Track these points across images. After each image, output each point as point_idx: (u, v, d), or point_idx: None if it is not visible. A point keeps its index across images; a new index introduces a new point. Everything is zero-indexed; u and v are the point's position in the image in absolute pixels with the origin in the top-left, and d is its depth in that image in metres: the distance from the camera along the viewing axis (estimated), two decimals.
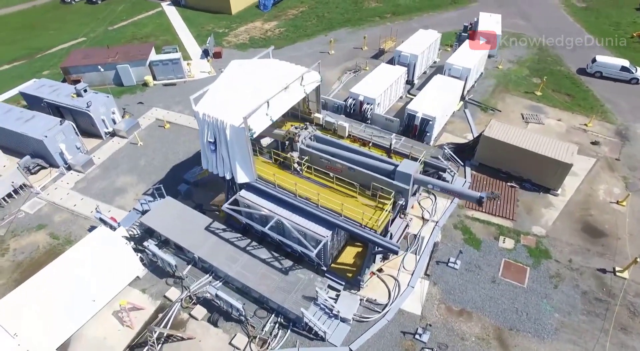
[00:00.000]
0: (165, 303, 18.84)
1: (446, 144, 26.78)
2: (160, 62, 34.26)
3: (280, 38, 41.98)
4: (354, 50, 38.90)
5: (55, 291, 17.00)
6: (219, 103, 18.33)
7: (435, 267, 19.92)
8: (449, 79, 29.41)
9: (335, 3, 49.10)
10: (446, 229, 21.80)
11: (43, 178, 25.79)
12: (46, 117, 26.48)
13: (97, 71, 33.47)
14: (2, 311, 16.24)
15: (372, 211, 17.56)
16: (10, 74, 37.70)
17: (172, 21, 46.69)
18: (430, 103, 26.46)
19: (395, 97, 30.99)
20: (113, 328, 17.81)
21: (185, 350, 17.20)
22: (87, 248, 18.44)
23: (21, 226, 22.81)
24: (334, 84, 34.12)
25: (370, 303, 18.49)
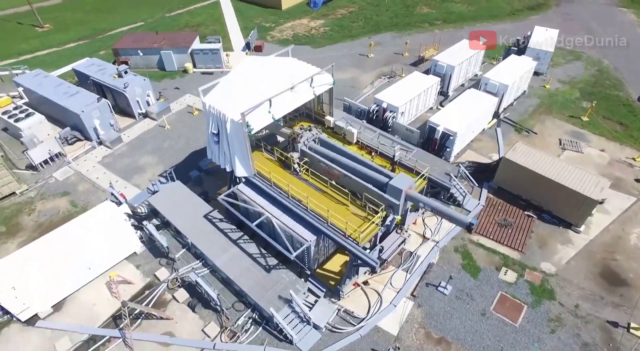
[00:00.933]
0: (153, 282, 19.73)
1: (465, 162, 25.43)
2: (201, 51, 35.69)
3: (324, 37, 42.01)
4: (394, 55, 37.98)
5: (56, 255, 18.45)
6: (225, 97, 18.77)
7: (423, 289, 19.03)
8: (482, 94, 27.81)
9: (387, 6, 48.17)
10: (445, 251, 20.74)
11: (77, 149, 27.97)
12: (87, 94, 28.63)
13: (143, 54, 35.57)
14: (8, 265, 17.94)
15: (360, 222, 17.10)
16: (74, 51, 41.16)
17: (224, 12, 48.39)
18: (455, 117, 25.22)
19: (424, 108, 29.87)
20: (103, 297, 18.97)
21: (162, 328, 17.91)
22: (91, 219, 19.79)
23: (49, 191, 24.92)
24: (366, 88, 33.59)
25: (348, 314, 18.11)
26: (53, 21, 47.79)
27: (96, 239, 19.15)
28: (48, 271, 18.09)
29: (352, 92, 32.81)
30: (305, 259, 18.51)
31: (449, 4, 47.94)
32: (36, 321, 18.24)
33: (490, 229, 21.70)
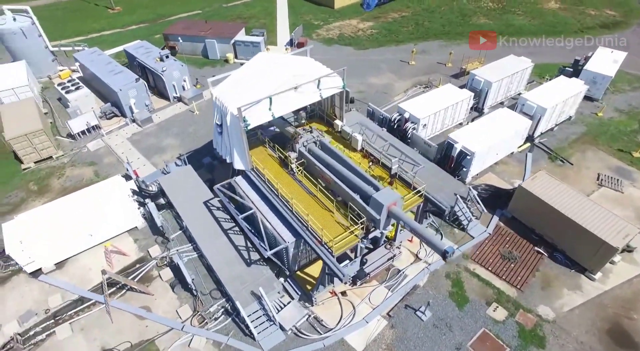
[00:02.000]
0: (146, 257, 20.81)
1: (482, 185, 23.87)
2: (242, 42, 36.75)
3: (369, 39, 41.37)
4: (436, 65, 36.48)
5: (64, 218, 20.02)
6: (231, 90, 19.21)
7: (401, 310, 18.22)
8: (514, 115, 25.85)
9: (442, 13, 46.30)
10: (436, 274, 19.66)
11: (113, 124, 30.12)
12: (128, 74, 30.68)
13: (189, 41, 37.40)
14: (22, 221, 19.84)
15: (340, 231, 16.73)
16: (134, 33, 44.26)
17: (278, 6, 49.33)
18: (478, 136, 23.74)
19: (451, 123, 28.39)
20: (98, 264, 20.33)
21: (142, 302, 18.87)
22: (100, 190, 21.25)
23: (80, 159, 27.14)
24: (398, 95, 32.63)
25: (317, 321, 17.86)
26: (124, 4, 51.66)
27: (101, 210, 20.51)
28: (55, 232, 19.69)
29: (382, 98, 32.08)
30: (285, 259, 18.50)
31: (510, 16, 45.02)
32: (39, 275, 20.07)
33: (491, 259, 20.22)
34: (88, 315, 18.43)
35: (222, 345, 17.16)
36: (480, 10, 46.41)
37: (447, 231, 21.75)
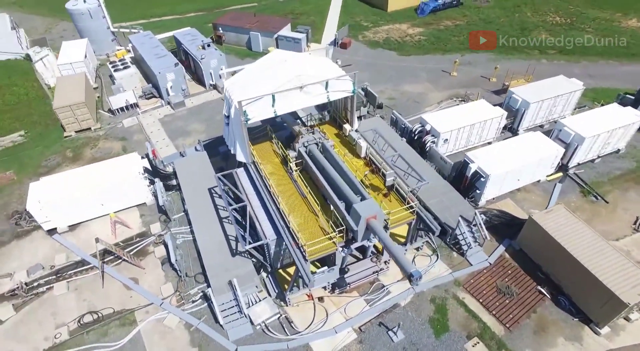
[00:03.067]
0: (146, 232, 22.00)
1: (494, 211, 22.33)
2: (285, 37, 37.30)
3: (415, 46, 40.11)
4: (480, 78, 34.52)
5: (81, 186, 21.69)
6: (241, 83, 19.64)
7: (374, 326, 17.63)
8: (547, 141, 23.77)
9: (500, 24, 43.60)
10: (421, 297, 18.74)
11: (150, 104, 32.06)
12: (170, 58, 32.43)
13: (235, 32, 38.68)
14: (45, 183, 21.83)
15: (318, 236, 16.53)
16: (189, 20, 46.65)
17: (331, 5, 49.36)
18: (498, 158, 22.21)
19: (478, 141, 26.73)
20: (104, 232, 21.82)
21: (132, 273, 20.02)
22: (117, 164, 22.77)
23: (113, 134, 29.25)
24: (430, 106, 31.37)
25: (288, 322, 17.83)
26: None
27: (114, 182, 21.94)
28: (71, 197, 21.43)
29: (413, 108, 31.03)
30: (267, 255, 18.62)
31: (576, 33, 41.31)
32: (54, 233, 22.00)
33: (485, 291, 18.88)
34: (84, 277, 19.91)
35: (193, 327, 17.74)
36: (544, 25, 43.09)
37: (445, 253, 20.65)
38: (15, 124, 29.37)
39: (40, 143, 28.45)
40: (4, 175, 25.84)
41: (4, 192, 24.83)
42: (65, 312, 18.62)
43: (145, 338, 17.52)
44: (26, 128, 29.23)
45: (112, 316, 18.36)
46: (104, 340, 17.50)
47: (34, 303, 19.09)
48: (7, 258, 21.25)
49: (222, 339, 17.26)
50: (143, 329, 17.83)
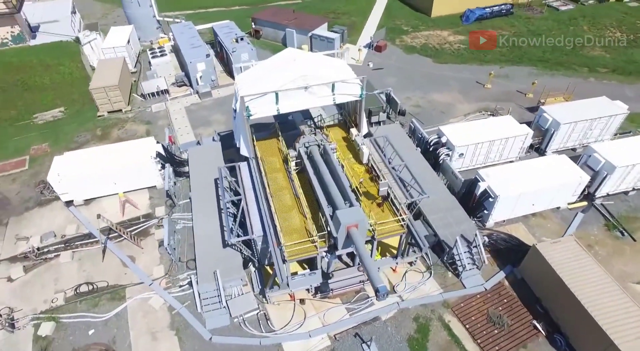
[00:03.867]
0: (151, 215, 22.95)
1: (502, 235, 21.09)
2: (318, 36, 37.29)
3: (452, 54, 38.62)
4: (515, 93, 32.64)
5: (98, 164, 22.99)
6: (250, 78, 19.91)
7: (349, 337, 17.28)
8: (571, 166, 22.04)
9: (550, 37, 40.90)
10: (405, 314, 18.11)
11: (180, 92, 33.33)
12: (203, 49, 33.49)
13: (273, 28, 39.23)
14: (67, 157, 23.39)
15: (301, 238, 16.46)
16: (233, 13, 47.87)
17: (375, 6, 48.68)
18: (512, 179, 20.93)
19: (498, 158, 25.26)
20: (114, 209, 23.05)
21: (131, 251, 20.98)
22: (133, 146, 23.92)
23: (141, 117, 30.73)
24: (456, 118, 30.10)
25: (265, 319, 17.92)
26: None
27: (128, 163, 23.05)
28: (88, 173, 22.79)
29: (437, 118, 29.96)
30: (255, 251, 18.79)
31: (636, 51, 37.89)
32: (71, 205, 23.54)
33: (473, 317, 17.91)
34: (88, 250, 21.14)
35: (175, 311, 18.31)
36: (600, 40, 39.87)
37: (440, 272, 19.81)
38: (57, 101, 31.71)
39: (75, 120, 30.51)
40: (40, 147, 27.99)
41: (37, 162, 26.88)
42: (66, 279, 19.90)
43: (130, 314, 18.34)
44: (66, 105, 31.47)
45: (105, 289, 19.36)
46: (94, 310, 18.52)
47: (41, 267, 20.56)
48: (28, 222, 23.03)
49: (199, 326, 17.69)
50: (130, 306, 18.67)
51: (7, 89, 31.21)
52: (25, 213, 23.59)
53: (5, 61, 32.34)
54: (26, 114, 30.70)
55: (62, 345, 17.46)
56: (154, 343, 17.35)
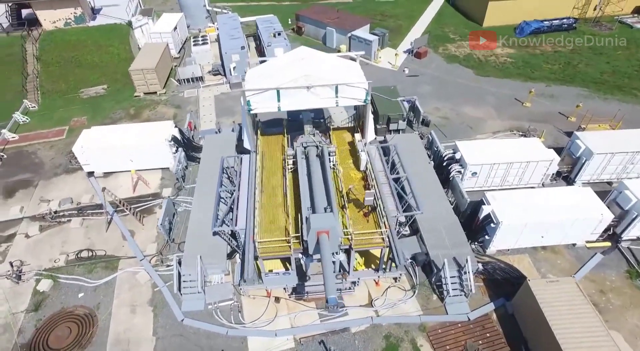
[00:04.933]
0: (159, 194, 24.08)
1: (501, 264, 19.67)
2: (357, 37, 36.81)
3: (496, 67, 36.42)
4: (557, 115, 30.13)
5: (119, 140, 24.50)
6: (259, 73, 20.18)
7: (314, 342, 17.04)
8: (594, 200, 19.95)
9: (614, 56, 37.20)
10: (377, 329, 17.48)
11: (214, 80, 34.54)
12: (240, 41, 34.37)
13: (314, 25, 39.36)
14: (94, 131, 25.18)
15: (276, 237, 16.49)
16: (283, 8, 48.67)
17: (426, 11, 47.13)
18: (520, 206, 19.44)
19: (518, 182, 23.49)
20: (127, 184, 24.49)
21: (133, 227, 22.17)
22: (152, 128, 25.21)
23: (172, 101, 32.25)
24: (484, 134, 28.42)
25: (238, 311, 18.18)
26: None
27: (144, 143, 24.30)
28: (107, 148, 24.34)
29: (463, 132, 28.46)
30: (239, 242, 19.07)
31: None
32: (91, 176, 25.33)
33: (448, 345, 16.90)
34: (96, 219, 22.63)
35: (157, 288, 19.12)
36: None
37: (426, 293, 18.90)
38: (102, 79, 34.18)
39: (114, 98, 32.71)
40: (79, 119, 30.38)
41: (73, 133, 29.17)
42: (72, 243, 21.49)
43: (118, 285, 19.43)
44: (109, 83, 33.83)
45: (102, 258, 20.66)
46: (87, 276, 19.85)
47: (54, 229, 22.37)
48: (54, 186, 25.14)
49: (175, 307, 18.33)
50: (119, 277, 19.79)
51: (63, 65, 34.16)
52: (53, 178, 25.76)
53: (66, 39, 35.42)
54: (74, 89, 33.43)
55: (53, 302, 18.92)
56: (131, 315, 18.27)
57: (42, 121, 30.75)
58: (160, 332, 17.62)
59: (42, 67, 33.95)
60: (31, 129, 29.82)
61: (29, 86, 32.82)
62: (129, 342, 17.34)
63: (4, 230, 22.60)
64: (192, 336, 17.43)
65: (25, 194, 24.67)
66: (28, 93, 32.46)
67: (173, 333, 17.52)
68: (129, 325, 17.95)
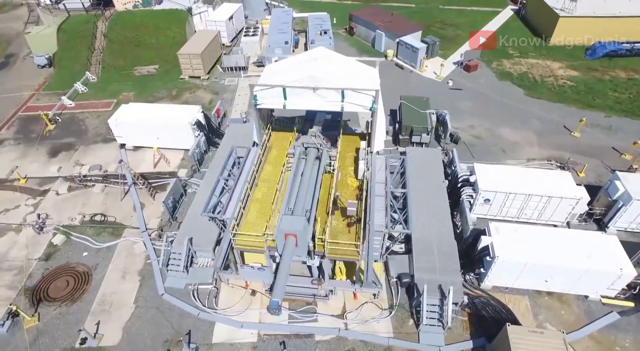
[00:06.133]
0: (175, 173, 25.41)
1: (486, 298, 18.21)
2: (404, 43, 35.70)
3: (553, 90, 33.29)
4: (609, 150, 26.94)
5: (147, 118, 26.15)
6: (274, 70, 20.48)
7: (275, 342, 17.08)
8: (616, 250, 17.66)
9: None
10: (341, 342, 17.05)
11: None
12: (285, 36, 34.99)
13: (366, 27, 38.89)
14: (130, 106, 27.18)
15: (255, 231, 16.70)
16: (342, 6, 48.41)
17: (491, 22, 44.30)
18: (525, 242, 17.83)
19: (537, 217, 21.41)
20: (150, 159, 26.16)
21: (145, 200, 23.68)
22: (179, 110, 26.69)
23: (212, 87, 33.74)
24: (516, 160, 26.28)
25: (214, 296, 18.74)
26: None
27: (169, 124, 25.70)
28: (136, 124, 26.12)
29: (493, 154, 26.56)
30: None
31: None
32: (122, 148, 27.39)
33: None
34: (115, 187, 24.46)
35: (149, 261, 20.29)
36: None
37: (403, 316, 18.06)
38: (155, 59, 36.67)
39: (162, 78, 34.99)
40: (127, 94, 32.94)
41: (119, 106, 31.65)
42: (90, 206, 23.52)
43: (117, 251, 20.94)
44: (161, 64, 36.22)
45: (111, 224, 22.36)
46: (95, 238, 21.61)
47: (79, 191, 24.61)
48: (90, 152, 27.61)
49: (159, 281, 19.35)
50: (120, 244, 21.30)
51: (124, 43, 37.17)
52: (92, 145, 28.29)
53: (131, 20, 38.50)
54: (130, 66, 36.26)
55: (61, 256, 20.89)
56: (121, 280, 19.63)
57: (97, 92, 33.78)
58: (140, 301, 18.75)
59: (107, 44, 37.22)
60: (86, 99, 32.87)
61: (93, 60, 36.18)
62: (112, 304, 18.67)
63: (42, 185, 25.29)
64: (167, 311, 18.32)
65: (65, 156, 27.37)
66: (91, 66, 35.82)
67: (151, 305, 18.56)
68: (116, 289, 19.31)
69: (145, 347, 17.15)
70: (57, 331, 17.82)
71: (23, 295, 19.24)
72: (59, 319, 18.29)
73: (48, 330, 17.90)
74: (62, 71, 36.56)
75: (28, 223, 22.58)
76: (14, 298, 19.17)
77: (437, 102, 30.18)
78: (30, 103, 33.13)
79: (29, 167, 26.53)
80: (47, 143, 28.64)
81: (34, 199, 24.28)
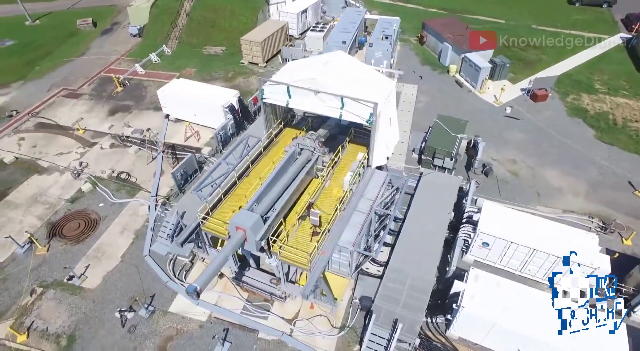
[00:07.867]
0: (200, 149, 27.15)
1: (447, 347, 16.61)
2: (469, 60, 33.18)
3: (631, 137, 28.28)
4: None
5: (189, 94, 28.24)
6: (294, 67, 20.80)
7: (220, 327, 17.65)
8: (620, 339, 14.83)
9: None
10: (279, 346, 17.11)
11: None
12: (345, 36, 34.88)
13: (435, 38, 37.05)
14: (179, 82, 29.61)
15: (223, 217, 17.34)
16: (425, 13, 46.50)
17: (586, 50, 38.85)
18: (504, 300, 15.89)
19: (543, 277, 18.84)
20: (182, 132, 28.27)
21: (166, 168, 25.70)
22: (218, 91, 28.35)
23: (264, 75, 34.46)
24: (551, 209, 23.18)
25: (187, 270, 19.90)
26: None
27: (205, 103, 27.44)
28: (178, 99, 28.40)
29: (526, 196, 23.77)
30: None
31: None
32: (166, 118, 29.99)
33: None
34: (146, 152, 26.94)
35: (148, 228, 22.07)
36: None
37: (352, 340, 17.38)
38: (224, 41, 39.13)
39: (225, 60, 37.28)
40: (189, 70, 35.84)
41: None
42: (121, 164, 26.34)
43: (125, 209, 23.23)
44: (227, 47, 38.56)
45: (131, 183, 24.81)
46: (114, 193, 24.21)
47: (118, 149, 27.66)
48: (140, 117, 30.74)
49: (148, 243, 21.11)
50: (131, 203, 23.57)
51: (202, 23, 40.27)
52: (144, 111, 31.44)
53: (212, 2, 41.57)
54: (201, 45, 39.23)
55: (83, 202, 23.83)
56: (119, 234, 21.83)
57: (167, 64, 37.24)
58: (126, 257, 20.71)
59: (187, 22, 40.66)
60: (156, 70, 36.45)
61: (172, 35, 39.84)
62: (104, 253, 20.91)
63: (94, 138, 28.91)
64: (144, 271, 19.99)
65: (120, 117, 30.85)
66: (169, 41, 39.50)
67: (133, 263, 20.39)
68: (113, 241, 21.54)
69: (114, 297, 18.98)
70: (57, 264, 20.52)
71: (44, 227, 22.40)
72: (62, 254, 21.01)
73: (51, 260, 20.70)
74: (146, 41, 40.93)
75: (70, 168, 26.03)
76: (38, 227, 22.42)
77: (484, 129, 27.85)
78: (113, 66, 37.72)
79: (90, 121, 30.45)
80: (111, 102, 32.53)
81: (83, 148, 27.88)
